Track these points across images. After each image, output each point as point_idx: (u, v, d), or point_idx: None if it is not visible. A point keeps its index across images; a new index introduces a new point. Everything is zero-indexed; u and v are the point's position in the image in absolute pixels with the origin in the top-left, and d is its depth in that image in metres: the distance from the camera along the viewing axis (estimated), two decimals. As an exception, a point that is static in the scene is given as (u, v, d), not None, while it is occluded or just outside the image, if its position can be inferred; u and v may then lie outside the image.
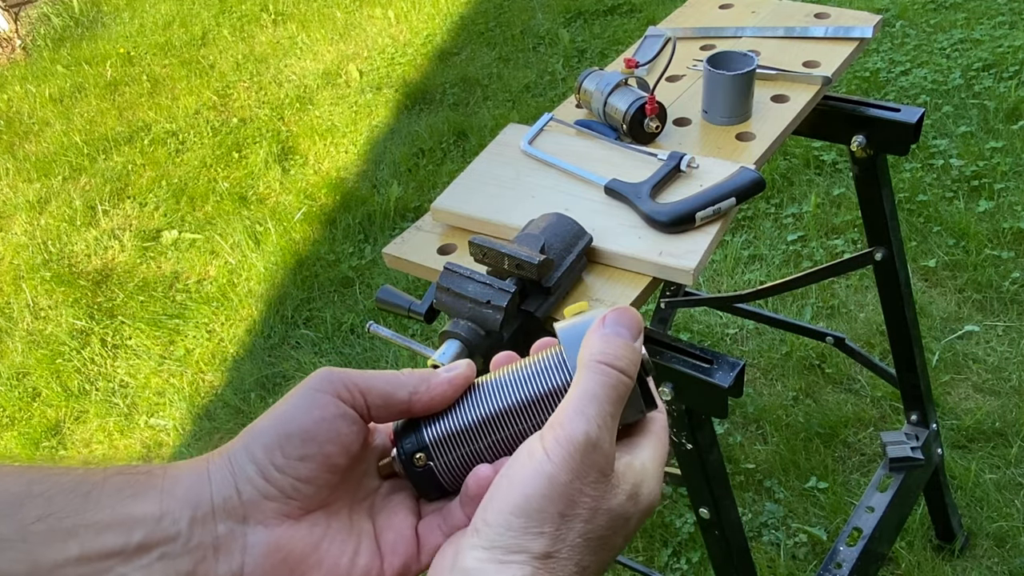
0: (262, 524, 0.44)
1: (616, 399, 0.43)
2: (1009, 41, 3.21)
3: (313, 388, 0.46)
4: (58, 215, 3.44)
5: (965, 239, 2.49)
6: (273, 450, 0.44)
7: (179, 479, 0.44)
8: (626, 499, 0.43)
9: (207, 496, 0.43)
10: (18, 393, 2.72)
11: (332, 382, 0.46)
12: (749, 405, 2.20)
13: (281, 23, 4.65)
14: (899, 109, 1.24)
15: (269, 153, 3.54)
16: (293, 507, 0.45)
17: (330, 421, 0.45)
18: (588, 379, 0.43)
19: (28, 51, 4.94)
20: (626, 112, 1.09)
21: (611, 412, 0.42)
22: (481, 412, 0.47)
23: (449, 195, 1.07)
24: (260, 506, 0.44)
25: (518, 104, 3.56)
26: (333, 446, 0.45)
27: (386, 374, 0.48)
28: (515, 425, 0.47)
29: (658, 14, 3.86)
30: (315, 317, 2.76)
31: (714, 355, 0.93)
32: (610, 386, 0.43)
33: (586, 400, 0.42)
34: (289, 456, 0.44)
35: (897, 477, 1.56)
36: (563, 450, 0.41)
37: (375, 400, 0.47)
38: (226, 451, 0.45)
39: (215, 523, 0.43)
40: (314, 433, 0.45)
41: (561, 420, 0.42)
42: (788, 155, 2.93)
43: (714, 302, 1.87)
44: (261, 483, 0.44)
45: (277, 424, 0.45)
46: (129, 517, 0.41)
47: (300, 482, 0.44)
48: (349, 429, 0.46)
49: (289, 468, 0.44)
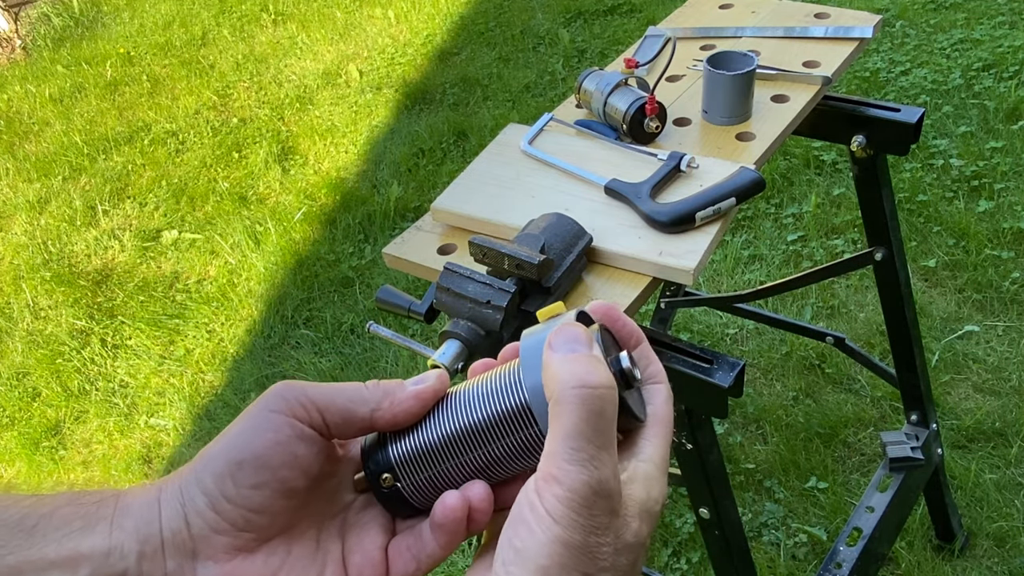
0: (212, 560, 0.41)
1: (605, 425, 0.39)
2: (1009, 41, 3.21)
3: (267, 408, 0.43)
4: (58, 215, 3.44)
5: (965, 239, 2.49)
6: (224, 479, 0.41)
7: (130, 510, 0.41)
8: (640, 523, 0.40)
9: (156, 529, 0.41)
10: (18, 393, 2.72)
11: (287, 400, 0.43)
12: (749, 405, 2.20)
13: (281, 23, 4.65)
14: (899, 109, 1.24)
15: (269, 153, 3.54)
16: (246, 539, 0.42)
17: (285, 444, 0.42)
18: (568, 414, 0.38)
19: (28, 51, 4.94)
20: (626, 112, 1.09)
21: (604, 443, 0.38)
22: (444, 431, 0.45)
23: (449, 195, 1.07)
24: (210, 541, 0.41)
25: (518, 104, 3.56)
26: (289, 471, 0.42)
27: (348, 388, 0.45)
28: (478, 448, 0.44)
29: (658, 14, 3.86)
30: (315, 317, 2.76)
31: (714, 355, 0.93)
32: (594, 413, 0.38)
33: (575, 440, 0.37)
34: (241, 485, 0.41)
35: (897, 477, 1.56)
36: (568, 509, 0.37)
37: (334, 418, 0.44)
38: (179, 478, 0.42)
39: (164, 559, 0.40)
40: (267, 459, 0.42)
41: (555, 473, 0.37)
42: (788, 155, 2.93)
43: (714, 302, 1.87)
44: (211, 516, 0.41)
45: (228, 450, 0.42)
46: (75, 553, 0.39)
47: (253, 512, 0.42)
48: (307, 450, 0.43)
49: (240, 499, 0.41)
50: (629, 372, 0.43)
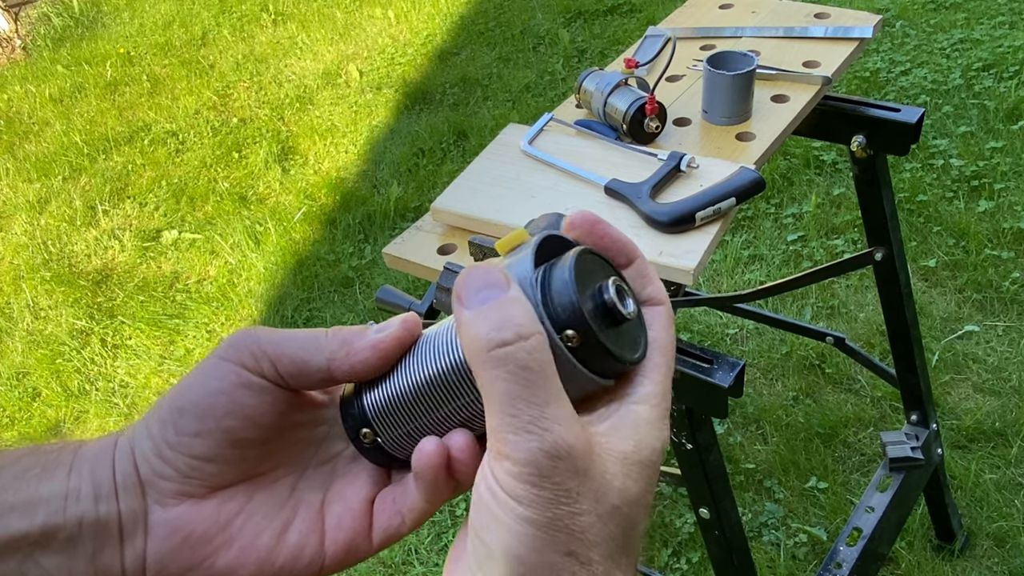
0: (159, 504, 0.41)
1: (539, 378, 0.33)
2: (1009, 41, 3.21)
3: (218, 355, 0.41)
4: (58, 215, 3.44)
5: (965, 239, 2.49)
6: (165, 426, 0.41)
7: (87, 455, 0.41)
8: (626, 479, 0.34)
9: (109, 473, 0.41)
10: (18, 393, 2.72)
11: (238, 348, 0.41)
12: (749, 405, 2.20)
13: (281, 23, 4.65)
14: (899, 109, 1.24)
15: (269, 153, 3.54)
16: (194, 485, 0.41)
17: (229, 393, 0.40)
18: (492, 380, 0.33)
19: (28, 51, 4.93)
20: (626, 112, 1.09)
21: (546, 398, 0.33)
22: (412, 382, 0.40)
23: (449, 195, 1.07)
24: (156, 485, 0.41)
25: (518, 104, 3.56)
26: (234, 420, 0.40)
27: (302, 336, 0.41)
28: (449, 401, 0.39)
29: (658, 14, 3.86)
30: (315, 317, 2.76)
31: (714, 355, 0.93)
32: (521, 369, 0.33)
33: (510, 407, 0.33)
34: (181, 432, 0.40)
35: (897, 477, 1.56)
36: (526, 484, 0.32)
37: (287, 368, 0.41)
38: (133, 427, 0.42)
39: (117, 501, 0.40)
40: (209, 407, 0.40)
41: (501, 448, 0.33)
42: (788, 155, 2.93)
43: (714, 302, 1.87)
44: (156, 461, 0.41)
45: (172, 397, 0.41)
46: (34, 496, 0.39)
47: (197, 460, 0.41)
48: (256, 400, 0.41)
49: (181, 446, 0.40)
50: (612, 306, 0.36)
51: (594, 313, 0.36)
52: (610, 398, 0.38)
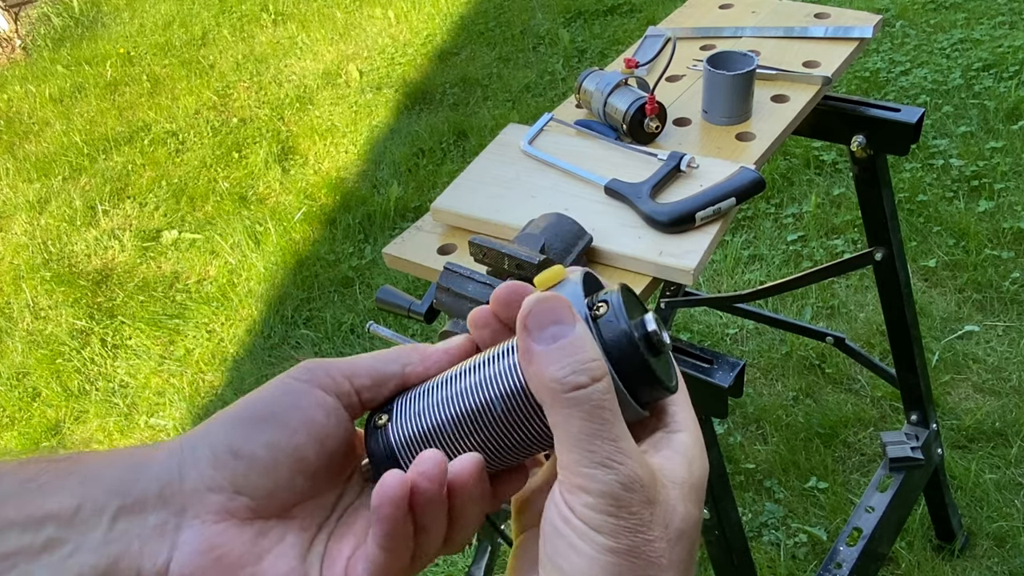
0: (199, 519, 0.38)
1: (612, 415, 0.35)
2: (1009, 41, 3.21)
3: (292, 376, 0.41)
4: (58, 215, 3.44)
5: (965, 239, 2.49)
6: (234, 431, 0.39)
7: (112, 463, 0.38)
8: (687, 504, 0.36)
9: (142, 483, 0.38)
10: (18, 393, 2.72)
11: (312, 370, 0.41)
12: (749, 405, 2.20)
13: (281, 23, 4.65)
14: (899, 109, 1.24)
15: (269, 153, 3.54)
16: (241, 504, 0.38)
17: (305, 409, 0.40)
18: (569, 419, 0.35)
19: (28, 51, 4.93)
20: (626, 112, 1.09)
21: (617, 434, 0.35)
22: (442, 393, 0.41)
23: (449, 195, 1.07)
24: (202, 498, 0.38)
25: (518, 104, 3.56)
26: (305, 436, 0.39)
27: (373, 353, 0.42)
28: (474, 423, 0.40)
29: (658, 14, 3.86)
30: (315, 317, 2.76)
31: (714, 355, 0.93)
32: (596, 409, 0.35)
33: (587, 443, 0.34)
34: (253, 441, 0.38)
35: (897, 477, 1.56)
36: (605, 515, 0.34)
37: (363, 381, 0.41)
38: (181, 436, 0.40)
39: (146, 513, 0.37)
40: (287, 419, 0.39)
41: (578, 482, 0.34)
42: (788, 155, 2.93)
43: (714, 302, 1.87)
44: (210, 472, 0.38)
45: (244, 407, 0.39)
46: (38, 511, 0.36)
47: (256, 474, 0.38)
48: (327, 420, 0.40)
49: (248, 454, 0.38)
50: (657, 338, 0.38)
51: (640, 343, 0.37)
52: (652, 428, 0.40)
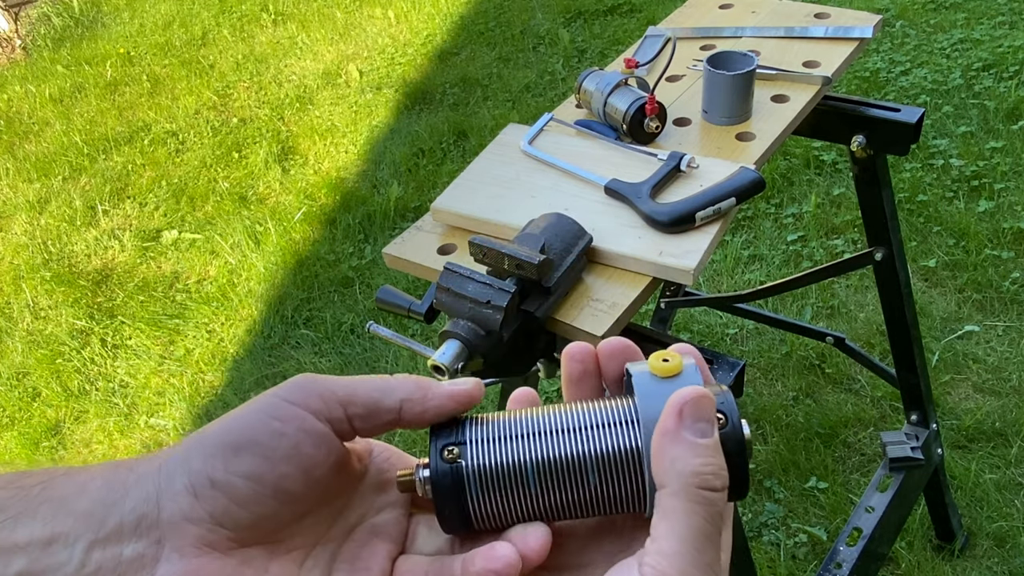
0: (178, 552, 0.36)
1: (722, 524, 0.37)
2: (1009, 41, 3.21)
3: (279, 395, 0.38)
4: (58, 215, 3.44)
5: (965, 239, 2.49)
6: (213, 461, 0.36)
7: (85, 490, 0.36)
8: None
9: (116, 513, 0.36)
10: (18, 393, 2.72)
11: (304, 389, 0.38)
12: (749, 405, 2.20)
13: (281, 23, 4.65)
14: (899, 109, 1.24)
15: (269, 153, 3.54)
16: (221, 536, 0.36)
17: (292, 436, 0.37)
18: (693, 514, 0.36)
19: (28, 51, 4.94)
20: (626, 112, 1.09)
21: (721, 543, 0.37)
22: (532, 437, 0.40)
23: (449, 195, 1.07)
24: (180, 529, 0.36)
25: (518, 104, 3.56)
26: (290, 467, 0.37)
27: (373, 379, 0.40)
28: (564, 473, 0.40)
29: (658, 14, 3.86)
30: (315, 317, 2.76)
31: (714, 355, 0.93)
32: (716, 515, 0.36)
33: (700, 543, 0.35)
34: (232, 471, 0.36)
35: (897, 477, 1.56)
36: None
37: (357, 410, 0.39)
38: (158, 457, 0.38)
39: (120, 545, 0.35)
40: (269, 448, 0.37)
41: (667, 569, 0.35)
42: (788, 155, 2.93)
43: (714, 302, 1.87)
44: (188, 501, 0.36)
45: (224, 432, 0.37)
46: (7, 542, 0.34)
47: (236, 505, 0.36)
48: (315, 450, 0.38)
49: (227, 486, 0.36)
50: (750, 443, 0.39)
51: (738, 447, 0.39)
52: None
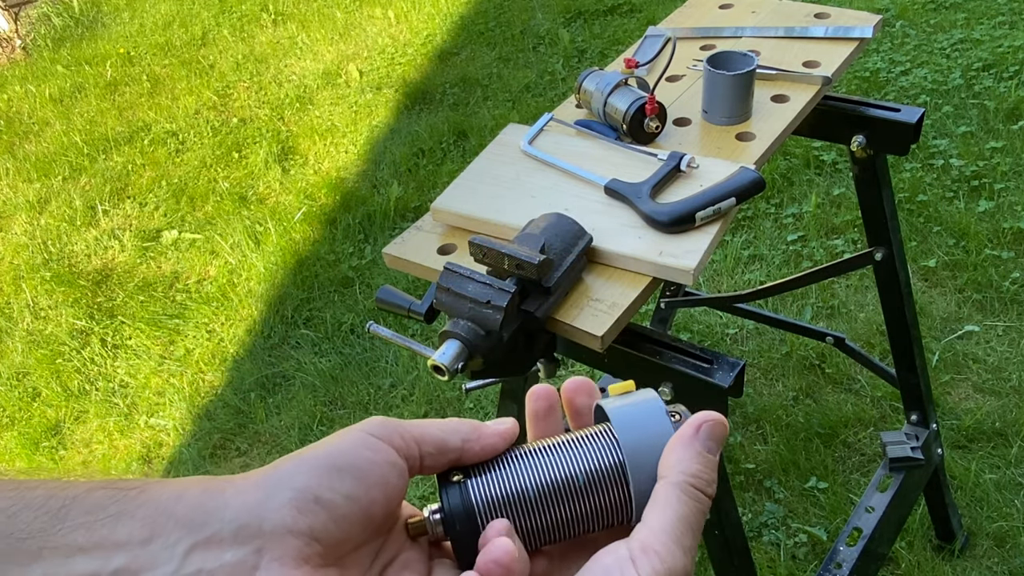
0: (277, 561, 0.37)
1: (700, 528, 0.42)
2: (1009, 41, 3.21)
3: (365, 431, 0.42)
4: (58, 215, 3.44)
5: (965, 239, 2.49)
6: (320, 479, 0.39)
7: (183, 496, 0.38)
8: None
9: (218, 519, 0.37)
10: (18, 393, 2.72)
11: (387, 427, 0.43)
12: (749, 405, 2.20)
13: (281, 23, 4.65)
14: (899, 109, 1.24)
15: (269, 153, 3.54)
16: (315, 551, 0.39)
17: (382, 466, 0.41)
18: (684, 504, 0.41)
19: (28, 51, 4.93)
20: (626, 112, 1.09)
21: (697, 540, 0.41)
22: (529, 462, 0.45)
23: (449, 195, 1.07)
24: (282, 541, 0.38)
25: (518, 104, 3.56)
26: (379, 493, 0.41)
27: (437, 422, 0.45)
28: (565, 503, 0.45)
29: (658, 14, 3.86)
30: (315, 317, 2.76)
31: (714, 355, 0.93)
32: (701, 513, 0.41)
33: (684, 529, 0.40)
34: (336, 491, 0.39)
35: (897, 477, 1.56)
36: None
37: (429, 448, 0.44)
38: (253, 475, 0.40)
39: (222, 549, 0.37)
40: (366, 473, 0.41)
41: (659, 549, 0.39)
42: (788, 155, 2.93)
43: (714, 302, 1.88)
44: (290, 515, 0.38)
45: (329, 456, 0.40)
46: (108, 539, 0.35)
47: (333, 524, 0.39)
48: (398, 480, 0.42)
49: (330, 504, 0.39)
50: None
51: None
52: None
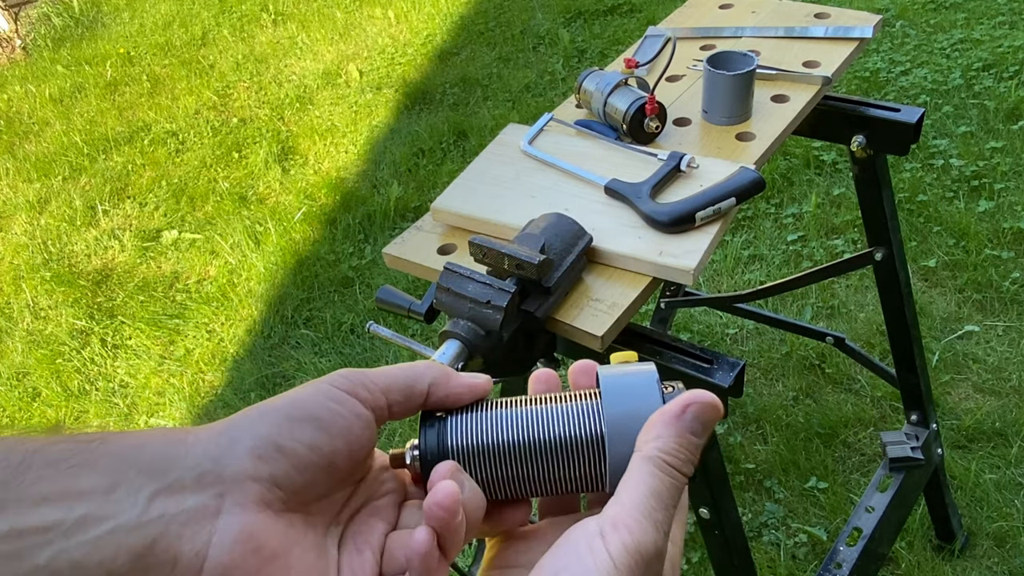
0: (239, 505, 0.38)
1: (678, 503, 0.41)
2: (1009, 41, 3.21)
3: (332, 383, 0.42)
4: (58, 215, 3.44)
5: (965, 239, 2.49)
6: (280, 428, 0.40)
7: (144, 446, 0.38)
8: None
9: (180, 466, 0.38)
10: (18, 393, 2.72)
11: (350, 380, 0.43)
12: (749, 405, 2.20)
13: (281, 23, 4.65)
14: (899, 109, 1.24)
15: (269, 153, 3.54)
16: (276, 497, 0.40)
17: (346, 417, 0.42)
18: (657, 479, 0.40)
19: (28, 51, 4.93)
20: (626, 112, 1.09)
21: (673, 516, 0.40)
22: (511, 436, 0.45)
23: (449, 195, 1.07)
24: (243, 486, 0.39)
25: (518, 104, 3.56)
26: (343, 443, 0.41)
27: (402, 367, 0.45)
28: (535, 463, 0.45)
29: (658, 14, 3.86)
30: (315, 317, 2.76)
31: (714, 355, 0.93)
32: (676, 489, 0.40)
33: (656, 504, 0.40)
34: (297, 440, 0.40)
35: (897, 477, 1.56)
36: (631, 559, 0.38)
37: (396, 397, 0.44)
38: (215, 425, 0.41)
39: (184, 495, 0.37)
40: (328, 424, 0.41)
41: (628, 524, 0.39)
42: (788, 155, 2.93)
43: (714, 302, 1.88)
44: (251, 462, 0.39)
45: (290, 406, 0.41)
46: (71, 489, 0.35)
47: (295, 470, 0.40)
48: (363, 431, 0.42)
49: (291, 451, 0.40)
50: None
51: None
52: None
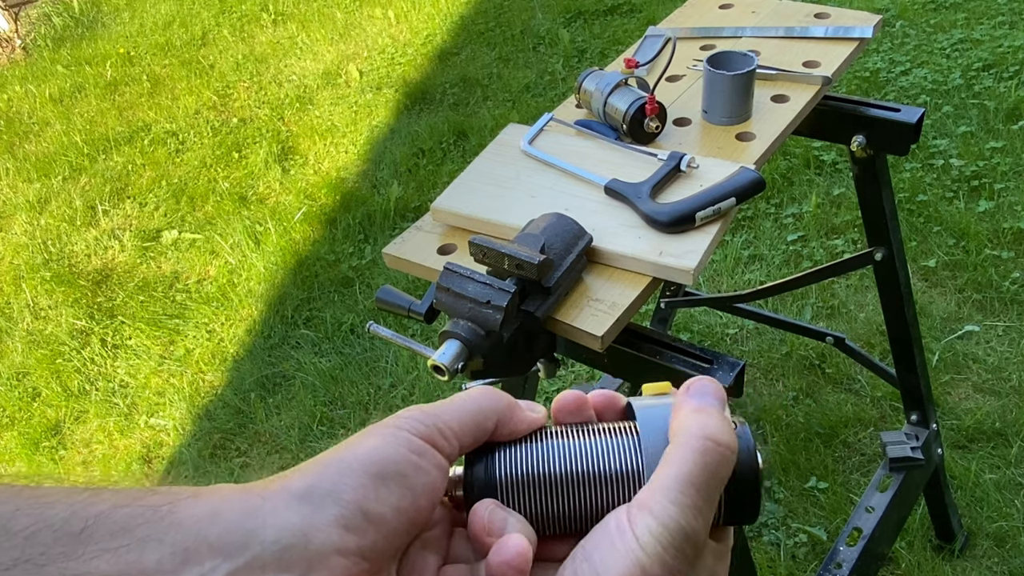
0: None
1: (716, 484, 0.38)
2: (1009, 41, 3.21)
3: (408, 431, 0.38)
4: (58, 215, 3.44)
5: (965, 239, 2.49)
6: (366, 492, 0.35)
7: (216, 516, 0.34)
8: (713, 571, 0.40)
9: (257, 541, 0.33)
10: (18, 393, 2.72)
11: (426, 424, 0.39)
12: (749, 405, 2.20)
13: (281, 23, 4.65)
14: (899, 109, 1.24)
15: (269, 153, 3.54)
16: (362, 569, 0.35)
17: (429, 473, 0.37)
18: (685, 460, 0.38)
19: (28, 51, 4.93)
20: (626, 112, 1.09)
21: (709, 499, 0.38)
22: (556, 451, 0.43)
23: (449, 195, 1.07)
24: (328, 563, 0.34)
25: (518, 104, 3.56)
26: (426, 500, 0.37)
27: (467, 399, 0.41)
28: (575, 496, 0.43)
29: (658, 14, 3.86)
30: (315, 317, 2.76)
31: (714, 355, 0.93)
32: (711, 467, 0.38)
33: (684, 485, 0.37)
34: (384, 503, 0.35)
35: (897, 477, 1.56)
36: (657, 542, 0.36)
37: (468, 440, 0.40)
38: (292, 485, 0.35)
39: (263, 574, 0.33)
40: (414, 482, 0.37)
41: (652, 507, 0.37)
42: (788, 155, 2.93)
43: (714, 302, 1.88)
44: (337, 533, 0.34)
45: (370, 462, 0.36)
46: (135, 567, 0.32)
47: (383, 539, 0.35)
48: (442, 484, 0.38)
49: (379, 518, 0.35)
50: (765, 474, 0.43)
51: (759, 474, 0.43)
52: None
